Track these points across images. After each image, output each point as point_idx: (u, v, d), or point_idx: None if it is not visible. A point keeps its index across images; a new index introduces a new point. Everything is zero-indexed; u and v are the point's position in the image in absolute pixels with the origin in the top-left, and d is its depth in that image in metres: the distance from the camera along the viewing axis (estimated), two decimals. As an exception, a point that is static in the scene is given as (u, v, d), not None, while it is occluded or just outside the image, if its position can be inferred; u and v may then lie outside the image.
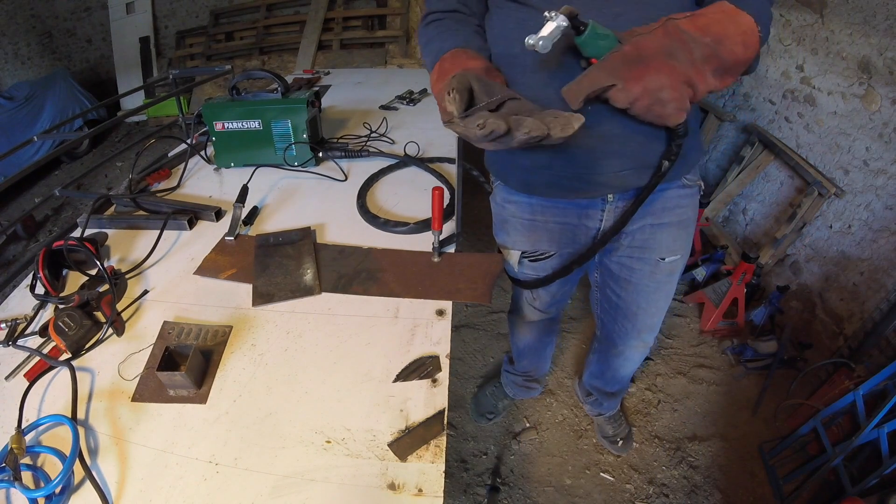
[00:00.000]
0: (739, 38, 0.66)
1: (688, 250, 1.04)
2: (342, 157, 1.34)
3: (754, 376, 1.86)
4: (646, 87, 0.63)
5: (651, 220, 0.95)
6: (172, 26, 4.84)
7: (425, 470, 0.59)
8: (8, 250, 2.91)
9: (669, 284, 1.08)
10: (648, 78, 0.63)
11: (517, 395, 1.72)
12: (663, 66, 0.62)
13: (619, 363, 1.34)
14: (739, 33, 0.66)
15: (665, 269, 1.02)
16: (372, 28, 4.33)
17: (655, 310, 1.13)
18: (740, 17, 0.67)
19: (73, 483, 0.58)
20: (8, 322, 0.80)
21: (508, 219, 1.04)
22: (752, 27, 0.67)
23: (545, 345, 1.52)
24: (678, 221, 0.97)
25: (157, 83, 4.55)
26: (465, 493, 1.51)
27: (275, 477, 0.59)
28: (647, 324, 1.17)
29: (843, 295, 1.83)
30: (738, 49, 0.66)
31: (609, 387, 1.50)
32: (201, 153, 1.39)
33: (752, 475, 1.55)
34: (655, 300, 1.10)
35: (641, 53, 0.62)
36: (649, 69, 0.62)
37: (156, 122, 4.41)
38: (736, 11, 0.67)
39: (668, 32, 0.63)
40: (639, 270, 1.04)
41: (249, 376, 0.71)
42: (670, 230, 0.97)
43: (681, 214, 0.96)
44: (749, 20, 0.67)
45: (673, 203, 0.94)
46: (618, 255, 1.04)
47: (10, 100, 3.59)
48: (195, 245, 1.01)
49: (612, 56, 0.63)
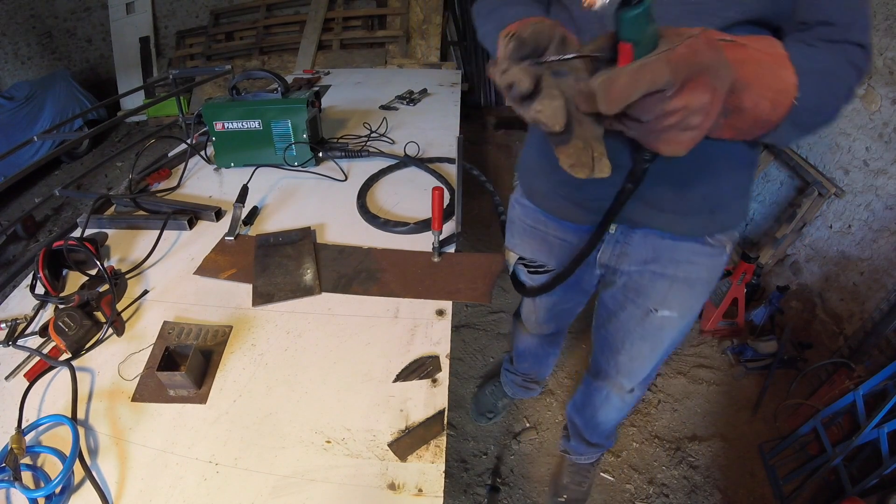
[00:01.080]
0: (770, 94, 0.52)
1: (690, 312, 0.93)
2: (342, 157, 1.34)
3: (754, 376, 1.86)
4: (687, 102, 0.46)
5: (655, 266, 0.87)
6: (172, 26, 4.84)
7: (425, 470, 0.59)
8: (8, 250, 2.91)
9: (658, 340, 0.98)
10: (697, 93, 0.46)
11: (516, 395, 1.71)
12: (709, 84, 0.46)
13: (599, 400, 1.23)
14: (774, 89, 0.52)
15: (656, 321, 0.93)
16: (372, 28, 4.33)
17: (637, 356, 1.04)
18: (783, 72, 0.53)
19: (73, 483, 0.58)
20: (8, 322, 0.80)
21: (515, 220, 1.02)
22: (790, 88, 0.53)
23: (546, 354, 1.48)
24: (684, 278, 0.86)
25: (157, 83, 4.54)
26: (465, 493, 1.51)
27: (275, 477, 0.59)
28: (627, 367, 1.08)
29: (843, 295, 1.83)
30: (763, 105, 0.52)
31: (587, 431, 1.37)
32: (201, 153, 1.39)
33: (752, 475, 1.55)
34: (640, 348, 1.01)
35: (697, 60, 0.45)
36: (699, 83, 0.46)
37: (156, 122, 4.41)
38: (782, 61, 0.53)
39: (711, 45, 0.46)
40: (629, 312, 0.96)
41: (249, 376, 0.71)
42: (672, 284, 0.87)
43: (690, 272, 0.85)
44: (791, 79, 0.53)
45: (684, 257, 0.84)
46: (612, 290, 0.98)
47: (10, 100, 3.59)
48: (195, 245, 1.01)
49: (674, 53, 0.45)
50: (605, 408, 1.23)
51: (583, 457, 1.47)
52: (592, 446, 1.41)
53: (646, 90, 0.45)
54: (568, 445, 1.50)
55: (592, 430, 1.34)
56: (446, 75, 2.38)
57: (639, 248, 0.87)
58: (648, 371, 1.09)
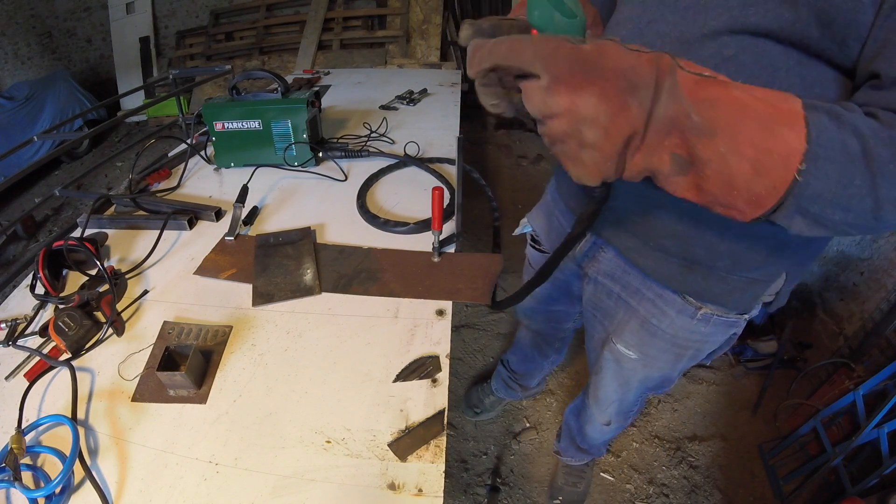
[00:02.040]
0: (751, 152, 0.39)
1: (654, 362, 0.82)
2: (342, 157, 1.34)
3: (754, 376, 1.86)
4: (574, 104, 0.38)
5: (619, 287, 0.79)
6: (172, 26, 4.84)
7: (425, 470, 0.59)
8: (8, 250, 2.91)
9: (622, 377, 0.91)
10: (585, 95, 0.38)
11: (498, 391, 1.70)
12: (613, 95, 0.38)
13: (585, 417, 1.22)
14: (760, 147, 0.39)
15: (615, 353, 0.86)
16: (372, 28, 4.33)
17: (602, 385, 0.99)
18: (784, 131, 0.39)
19: (73, 483, 0.58)
20: (8, 322, 0.80)
21: (546, 196, 1.02)
22: (790, 154, 0.38)
23: (535, 356, 1.45)
24: (644, 317, 0.78)
25: (157, 83, 4.54)
26: (465, 493, 1.51)
27: (275, 477, 0.59)
28: (594, 392, 1.04)
29: (843, 295, 1.83)
30: (738, 166, 0.39)
31: (578, 437, 1.35)
32: (201, 153, 1.39)
33: (752, 475, 1.55)
34: (604, 377, 0.95)
35: (599, 63, 0.38)
36: (594, 86, 0.38)
37: (156, 122, 4.41)
38: (789, 118, 0.39)
39: (656, 66, 0.39)
40: (597, 331, 0.92)
41: (249, 376, 0.71)
42: (632, 318, 0.80)
43: (652, 315, 0.76)
44: (796, 143, 0.38)
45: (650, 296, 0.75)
46: (585, 298, 0.92)
47: (10, 100, 3.59)
48: (195, 245, 1.01)
49: (562, 43, 0.38)
50: (588, 424, 1.23)
51: (573, 459, 1.47)
52: (582, 452, 1.41)
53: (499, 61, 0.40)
54: (559, 446, 1.50)
55: (583, 438, 1.34)
56: (446, 75, 2.37)
57: (608, 261, 0.81)
58: (617, 407, 1.03)
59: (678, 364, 0.83)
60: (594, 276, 0.87)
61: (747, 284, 0.66)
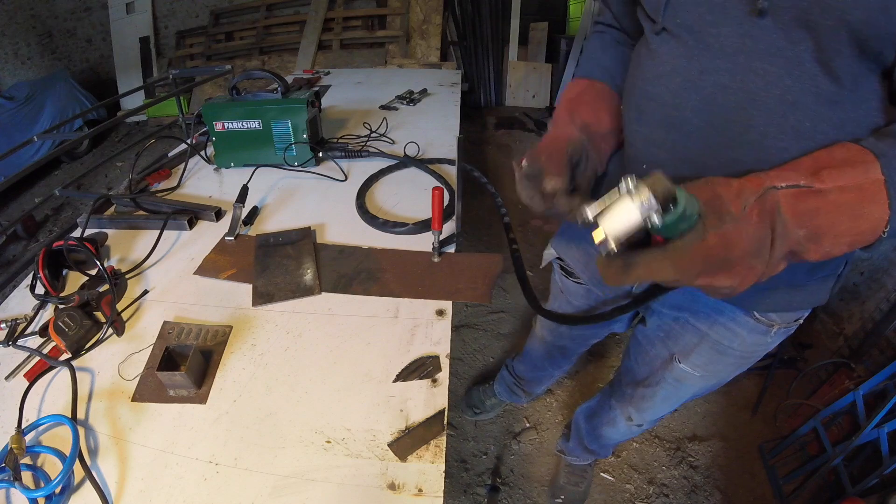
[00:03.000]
0: (848, 240, 0.47)
1: (715, 377, 0.86)
2: (342, 157, 1.34)
3: (754, 376, 1.86)
4: (710, 283, 0.46)
5: (688, 315, 0.80)
6: (172, 26, 4.84)
7: (425, 470, 0.59)
8: (8, 250, 2.91)
9: (675, 391, 0.92)
10: (720, 278, 0.45)
11: (500, 395, 1.69)
12: (742, 270, 0.45)
13: (607, 418, 1.21)
14: (853, 233, 0.46)
15: (676, 372, 0.87)
16: (372, 28, 4.33)
17: (652, 396, 0.99)
18: (871, 209, 0.45)
19: (73, 483, 0.58)
20: (8, 322, 0.80)
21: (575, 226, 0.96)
22: (877, 227, 0.46)
23: (545, 367, 1.42)
24: (715, 340, 0.78)
25: (157, 83, 4.55)
26: (465, 493, 1.51)
27: (275, 477, 0.59)
28: (639, 403, 1.03)
29: (843, 295, 1.83)
30: (837, 250, 0.47)
31: (588, 438, 1.36)
32: (201, 153, 1.39)
33: (752, 475, 1.55)
34: (656, 390, 0.96)
35: (728, 255, 0.43)
36: (726, 272, 0.44)
37: (156, 122, 4.41)
38: (873, 194, 0.45)
39: (764, 218, 0.44)
40: (657, 350, 0.91)
41: (249, 376, 0.71)
42: (702, 341, 0.80)
43: (723, 337, 0.77)
44: (880, 214, 0.45)
45: (722, 319, 0.76)
46: (645, 329, 0.93)
47: (10, 100, 3.58)
48: (195, 245, 1.01)
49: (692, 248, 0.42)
50: (609, 427, 1.22)
51: (578, 459, 1.47)
52: (589, 452, 1.41)
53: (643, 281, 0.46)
54: (565, 446, 1.49)
55: (594, 439, 1.33)
56: (446, 75, 2.38)
57: (676, 294, 0.77)
58: (660, 415, 1.05)
59: (737, 372, 0.85)
60: (658, 309, 0.85)
61: (822, 283, 0.68)
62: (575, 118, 0.71)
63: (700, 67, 0.55)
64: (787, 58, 0.50)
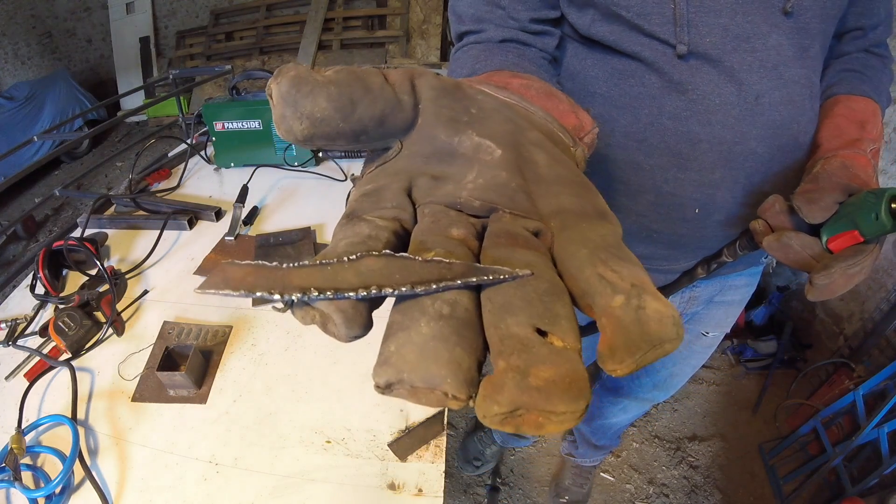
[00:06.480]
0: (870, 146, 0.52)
1: (729, 323, 0.92)
2: (342, 157, 1.34)
3: (754, 376, 1.86)
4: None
5: (718, 297, 0.84)
6: (172, 26, 4.84)
7: (425, 470, 0.59)
8: (8, 250, 2.91)
9: (701, 357, 0.98)
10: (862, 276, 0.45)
11: (506, 442, 1.57)
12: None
13: (613, 411, 1.22)
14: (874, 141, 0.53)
15: (706, 342, 0.93)
16: (372, 28, 4.33)
17: (679, 373, 1.03)
18: (879, 126, 0.54)
19: (73, 483, 0.58)
20: (8, 322, 0.80)
21: None
22: (881, 132, 0.54)
23: None
24: (740, 301, 0.85)
25: (157, 83, 4.54)
26: (465, 493, 1.51)
27: (275, 477, 0.59)
28: (666, 384, 1.06)
29: (844, 295, 1.83)
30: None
31: (595, 436, 1.35)
32: (201, 153, 1.39)
33: (752, 475, 1.55)
34: (682, 367, 1.00)
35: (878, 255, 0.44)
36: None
37: (156, 122, 4.40)
38: (875, 115, 0.54)
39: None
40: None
41: (249, 376, 0.71)
42: (729, 308, 0.86)
43: (745, 294, 0.84)
44: (881, 127, 0.54)
45: (743, 282, 0.81)
46: None
47: (10, 100, 3.59)
48: (195, 245, 1.01)
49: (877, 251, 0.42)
50: (619, 415, 1.23)
51: (588, 460, 1.47)
52: (599, 449, 1.41)
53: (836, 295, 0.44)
54: (574, 450, 1.47)
55: (602, 434, 1.33)
56: (446, 75, 2.37)
57: (707, 287, 0.80)
58: (683, 383, 1.07)
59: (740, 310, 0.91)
60: (691, 312, 0.87)
61: None
62: None
63: (754, 92, 0.50)
64: (809, 57, 0.51)
